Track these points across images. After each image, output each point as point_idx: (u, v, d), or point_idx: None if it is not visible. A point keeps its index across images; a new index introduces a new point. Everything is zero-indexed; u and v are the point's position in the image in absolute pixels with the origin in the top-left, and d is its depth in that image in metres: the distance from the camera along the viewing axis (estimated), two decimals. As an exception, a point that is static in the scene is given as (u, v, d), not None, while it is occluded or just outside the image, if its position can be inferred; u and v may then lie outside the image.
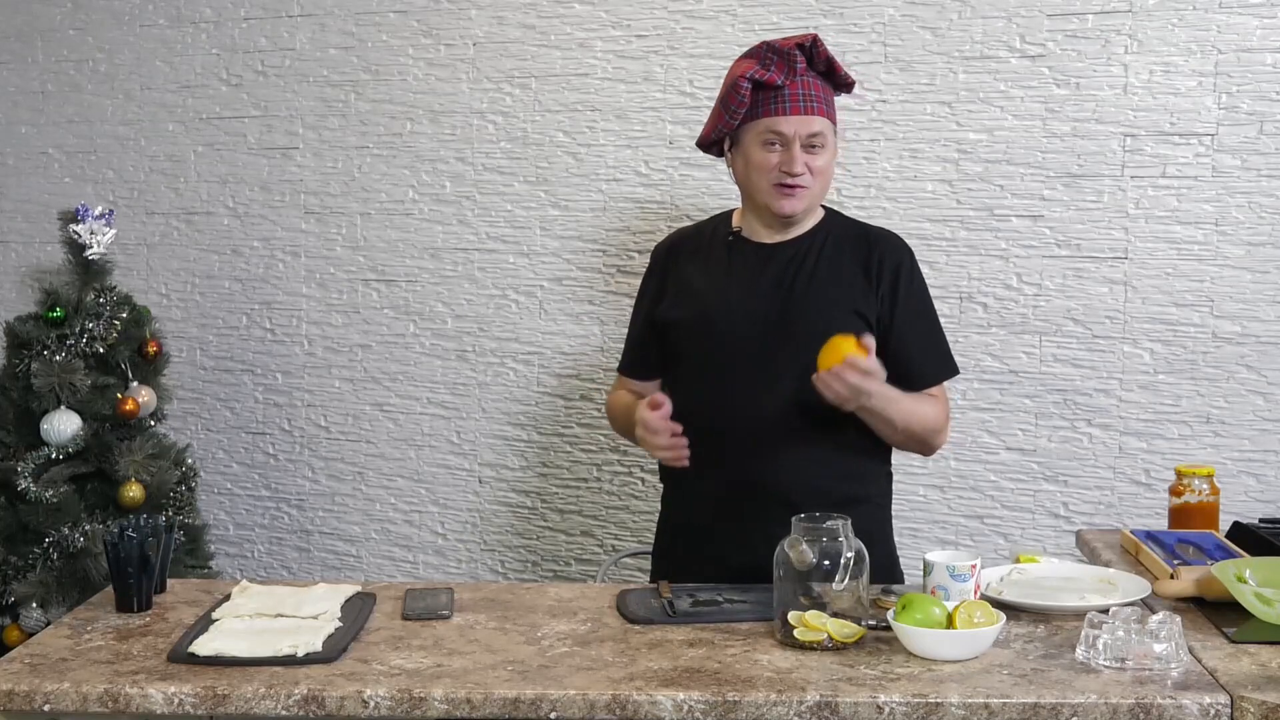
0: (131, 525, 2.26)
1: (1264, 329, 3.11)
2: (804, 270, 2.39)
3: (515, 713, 1.80)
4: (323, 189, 3.60)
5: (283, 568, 3.74)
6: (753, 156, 2.37)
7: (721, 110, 2.40)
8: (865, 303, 2.38)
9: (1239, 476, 3.12)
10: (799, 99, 2.34)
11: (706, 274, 2.46)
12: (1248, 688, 1.75)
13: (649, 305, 2.54)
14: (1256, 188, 3.08)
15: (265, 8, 3.58)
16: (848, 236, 2.45)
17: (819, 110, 2.36)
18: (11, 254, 3.83)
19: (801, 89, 2.35)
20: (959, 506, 3.29)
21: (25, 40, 3.75)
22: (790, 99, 2.34)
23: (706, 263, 2.47)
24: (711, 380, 2.40)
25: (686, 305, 2.45)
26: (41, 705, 1.87)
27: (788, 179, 2.34)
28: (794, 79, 2.34)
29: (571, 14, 3.40)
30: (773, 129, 2.34)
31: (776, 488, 2.31)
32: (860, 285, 2.39)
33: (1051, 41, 3.13)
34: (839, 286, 2.38)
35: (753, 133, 2.37)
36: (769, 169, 2.35)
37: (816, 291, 2.38)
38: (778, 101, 2.34)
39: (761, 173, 2.37)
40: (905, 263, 2.43)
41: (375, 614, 2.18)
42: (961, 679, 1.82)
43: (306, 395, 3.67)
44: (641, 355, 2.57)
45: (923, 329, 2.44)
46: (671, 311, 2.47)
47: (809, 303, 2.37)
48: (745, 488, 2.35)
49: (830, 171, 2.42)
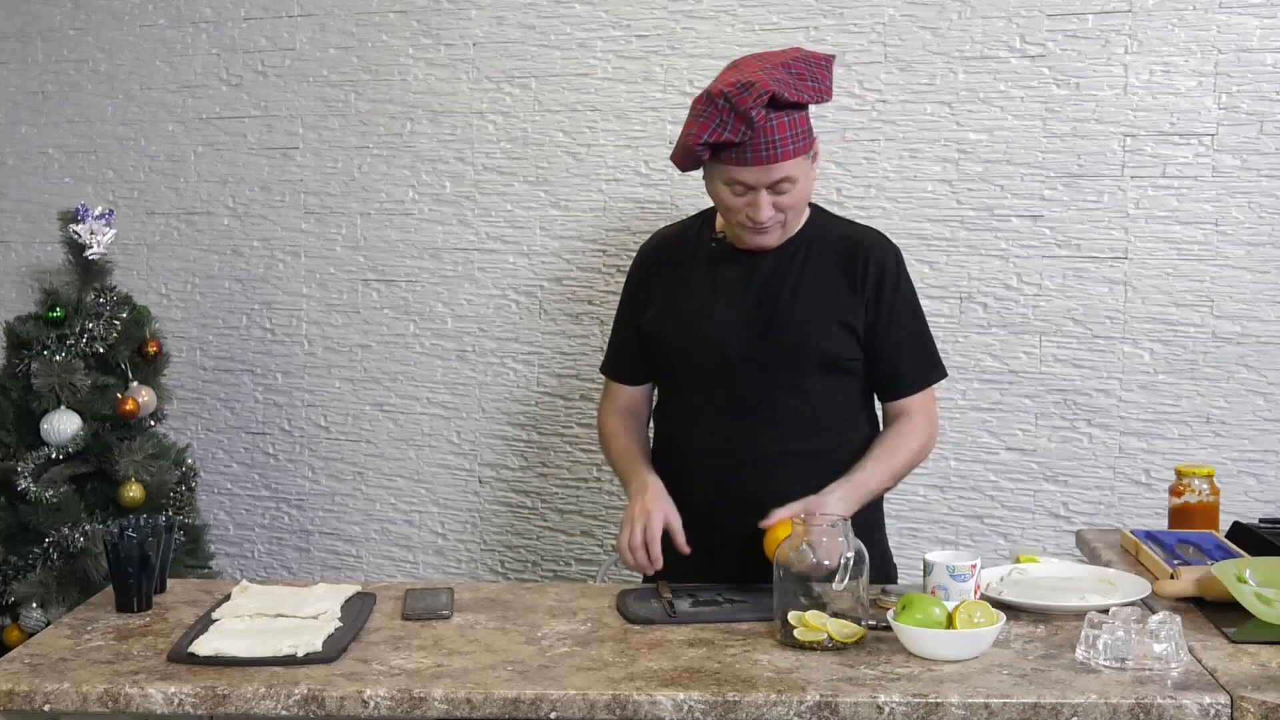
0: (131, 525, 2.27)
1: (1264, 329, 3.10)
2: (788, 282, 2.36)
3: (515, 713, 1.80)
4: (323, 189, 3.60)
5: (283, 568, 3.74)
6: (719, 195, 2.31)
7: (682, 156, 2.30)
8: (851, 312, 2.35)
9: (1239, 476, 3.12)
10: (760, 149, 2.22)
11: (691, 285, 2.42)
12: (1248, 688, 1.75)
13: (635, 313, 2.49)
14: (1256, 188, 3.08)
15: (265, 8, 3.58)
16: (832, 241, 2.40)
17: (785, 155, 2.23)
18: (11, 254, 3.83)
19: (764, 136, 2.21)
20: (959, 506, 3.29)
21: (25, 40, 3.75)
22: (752, 150, 2.22)
23: (691, 271, 2.43)
24: (701, 394, 2.38)
25: (673, 319, 2.41)
26: (41, 705, 1.87)
27: (753, 225, 2.30)
28: (753, 131, 2.20)
29: (571, 14, 3.40)
30: (735, 179, 2.26)
31: (770, 499, 2.29)
32: (845, 294, 2.36)
33: (1051, 41, 3.13)
34: (823, 297, 2.35)
35: (718, 177, 2.28)
36: (736, 210, 2.30)
37: (799, 304, 2.35)
38: (739, 153, 2.23)
39: (729, 212, 2.32)
40: (891, 265, 2.39)
41: (375, 614, 2.18)
42: (961, 679, 1.82)
43: (306, 395, 3.67)
44: (629, 361, 2.54)
45: (910, 332, 2.42)
46: (658, 324, 2.43)
47: (792, 314, 2.35)
48: (737, 499, 2.32)
49: (806, 195, 2.35)
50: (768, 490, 2.29)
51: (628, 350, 2.53)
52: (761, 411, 2.33)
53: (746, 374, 2.34)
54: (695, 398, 2.40)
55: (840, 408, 2.39)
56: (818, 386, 2.35)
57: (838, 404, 2.39)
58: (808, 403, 2.34)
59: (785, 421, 2.33)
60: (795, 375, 2.33)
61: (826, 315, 2.35)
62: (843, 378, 2.38)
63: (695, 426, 2.38)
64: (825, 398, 2.36)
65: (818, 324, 2.34)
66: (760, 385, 2.33)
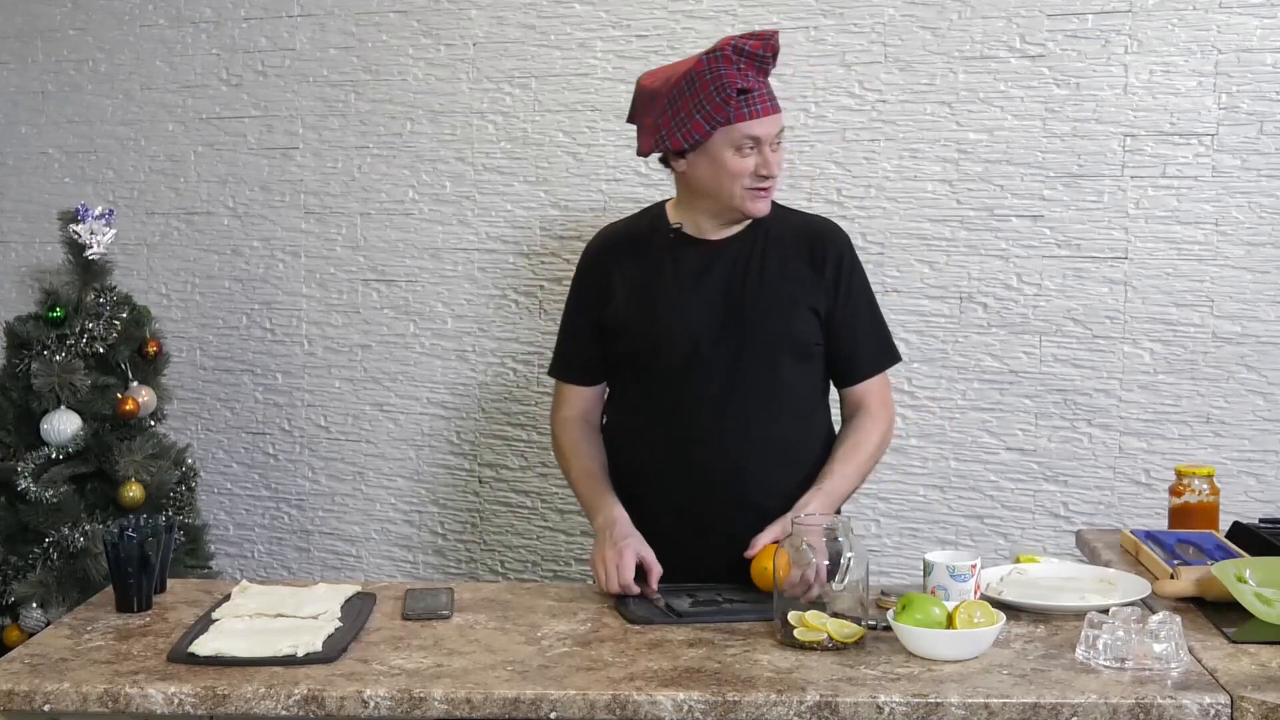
0: (131, 525, 2.27)
1: (1264, 329, 3.11)
2: (752, 268, 2.37)
3: (515, 713, 1.80)
4: (323, 189, 3.60)
5: (283, 568, 3.74)
6: (727, 162, 2.30)
7: (696, 117, 2.27)
8: (815, 296, 2.37)
9: (1239, 476, 3.12)
10: (767, 99, 2.29)
11: (651, 275, 2.40)
12: (1248, 688, 1.75)
13: (592, 310, 2.46)
14: (1256, 188, 3.08)
15: (265, 8, 3.58)
16: (790, 229, 2.42)
17: (779, 107, 2.32)
18: (11, 254, 3.83)
19: (767, 90, 2.30)
20: (959, 506, 3.29)
21: (25, 40, 3.75)
22: (760, 101, 2.28)
23: (648, 262, 2.41)
24: (669, 385, 2.36)
25: (638, 310, 2.39)
26: (41, 705, 1.87)
27: (763, 182, 2.32)
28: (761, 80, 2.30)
29: (571, 14, 3.40)
30: (749, 134, 2.28)
31: (741, 490, 2.31)
32: (809, 278, 2.38)
33: (1051, 41, 3.13)
34: (789, 282, 2.37)
35: (726, 138, 2.28)
36: (744, 174, 2.30)
37: (766, 290, 2.36)
38: (749, 105, 2.27)
39: (736, 178, 2.31)
40: (847, 253, 2.42)
41: (375, 614, 2.18)
42: (961, 679, 1.82)
43: (306, 395, 3.67)
44: (584, 360, 2.49)
45: (865, 318, 2.44)
46: (621, 317, 2.41)
47: (760, 301, 2.35)
48: (709, 491, 2.33)
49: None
50: (740, 479, 2.31)
51: (583, 349, 2.49)
52: (733, 399, 2.34)
53: (718, 362, 2.34)
54: (664, 389, 2.37)
55: (807, 394, 2.41)
56: (787, 373, 2.36)
57: (805, 390, 2.41)
58: (778, 389, 2.35)
59: (756, 408, 2.34)
60: (766, 362, 2.34)
61: (795, 300, 2.36)
62: (809, 364, 2.40)
63: (666, 418, 2.37)
64: (794, 384, 2.38)
65: (788, 310, 2.36)
66: (731, 373, 2.34)
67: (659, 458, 2.37)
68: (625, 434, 2.47)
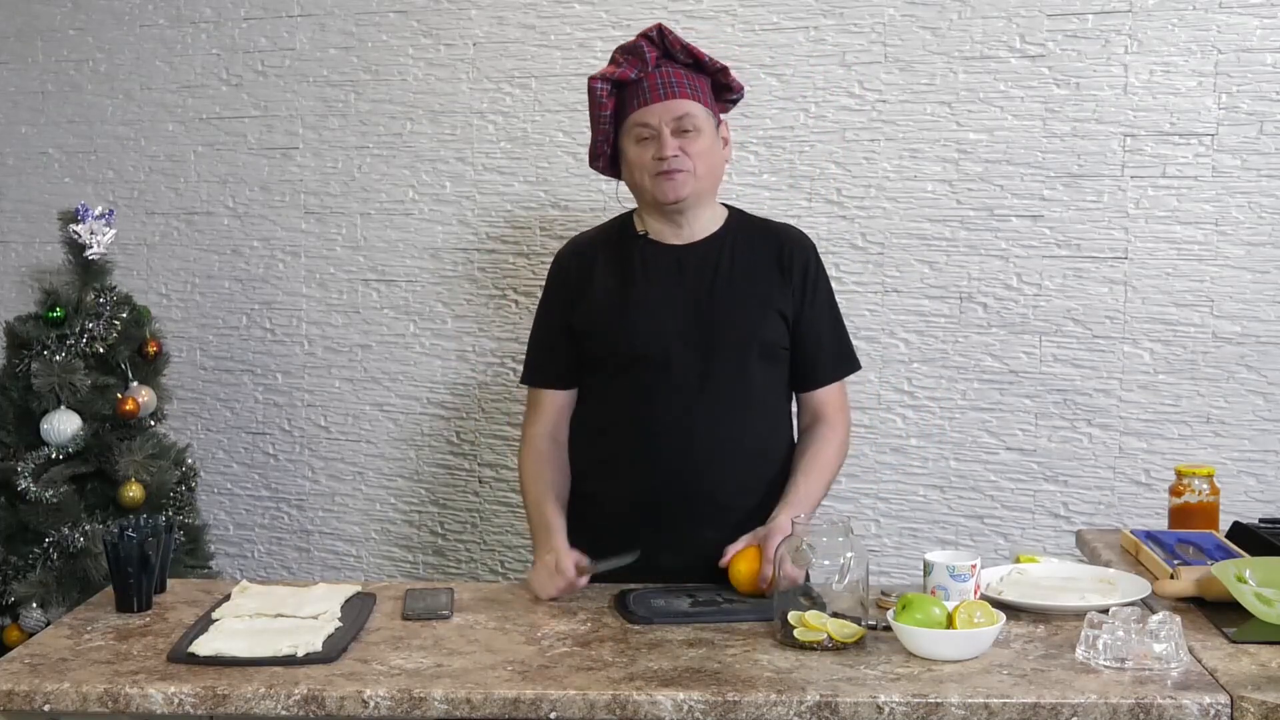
0: (131, 525, 2.27)
1: (1264, 329, 3.11)
2: (720, 272, 2.40)
3: (515, 713, 1.81)
4: (323, 189, 3.60)
5: (283, 568, 3.74)
6: (630, 155, 2.40)
7: (592, 124, 2.44)
8: (782, 299, 2.40)
9: (1239, 476, 3.12)
10: (658, 87, 2.36)
11: (620, 280, 2.44)
12: (1248, 688, 1.75)
13: (563, 314, 2.48)
14: (1256, 188, 3.08)
15: (265, 8, 3.58)
16: (756, 233, 2.47)
17: (682, 94, 2.36)
18: (11, 254, 3.83)
19: (660, 78, 2.37)
20: (959, 506, 3.29)
21: (25, 40, 3.75)
22: (650, 89, 2.37)
23: (619, 265, 2.45)
24: (637, 387, 2.38)
25: (606, 313, 2.42)
26: (41, 705, 1.87)
27: (663, 165, 2.35)
28: (649, 70, 2.37)
29: (571, 14, 3.40)
30: (640, 121, 2.37)
31: (709, 490, 2.34)
32: (776, 281, 2.41)
33: (1051, 41, 3.13)
34: (756, 285, 2.40)
35: (627, 135, 2.40)
36: (645, 162, 2.37)
37: (736, 293, 2.39)
38: (637, 95, 2.37)
39: (641, 169, 2.38)
40: (813, 259, 2.46)
41: (375, 614, 2.18)
42: (961, 679, 1.82)
43: (306, 395, 3.67)
44: (555, 365, 2.51)
45: (828, 325, 2.47)
46: (592, 319, 2.43)
47: (731, 303, 2.38)
48: (676, 492, 2.35)
49: (714, 158, 2.41)
50: (710, 479, 2.34)
51: (555, 354, 2.51)
52: (702, 399, 2.35)
53: (687, 364, 2.36)
54: (633, 392, 2.39)
55: (774, 397, 2.44)
56: (755, 375, 2.39)
57: (772, 393, 2.43)
58: (746, 391, 2.38)
59: (724, 408, 2.36)
60: (735, 364, 2.37)
61: (763, 303, 2.39)
62: (775, 366, 2.42)
63: (634, 420, 2.38)
64: (762, 387, 2.40)
65: (757, 312, 2.39)
66: (699, 374, 2.36)
67: (624, 453, 2.39)
68: (592, 431, 2.49)
